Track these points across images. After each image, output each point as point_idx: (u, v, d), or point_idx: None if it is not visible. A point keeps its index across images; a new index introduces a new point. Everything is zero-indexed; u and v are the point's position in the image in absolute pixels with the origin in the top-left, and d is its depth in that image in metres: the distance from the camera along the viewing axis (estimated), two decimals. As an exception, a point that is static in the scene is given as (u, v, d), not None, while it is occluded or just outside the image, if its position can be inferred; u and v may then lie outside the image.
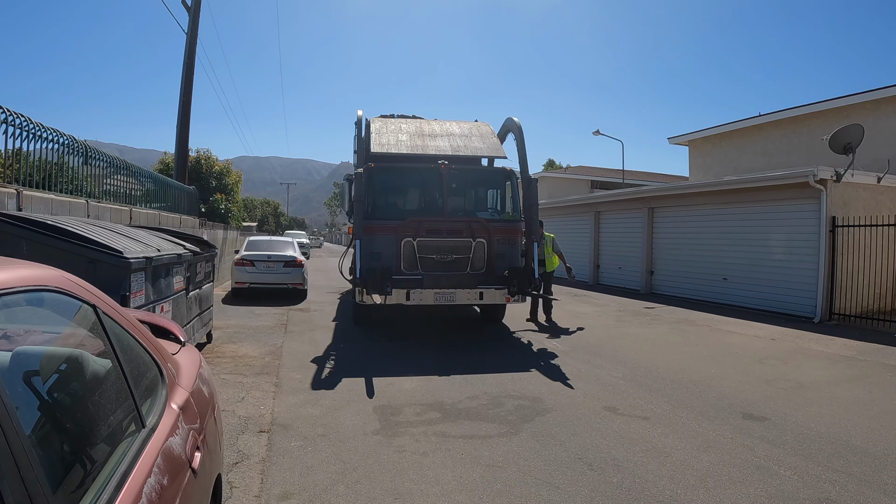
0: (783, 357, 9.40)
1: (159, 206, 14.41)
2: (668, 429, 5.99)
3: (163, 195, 14.95)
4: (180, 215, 15.46)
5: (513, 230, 11.27)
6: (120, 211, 10.51)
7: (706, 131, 24.16)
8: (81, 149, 9.58)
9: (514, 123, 11.95)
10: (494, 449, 5.38)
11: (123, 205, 11.15)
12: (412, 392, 7.23)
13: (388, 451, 5.25)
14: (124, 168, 11.84)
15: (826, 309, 12.90)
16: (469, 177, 11.82)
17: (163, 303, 6.78)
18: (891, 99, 17.65)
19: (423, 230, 10.55)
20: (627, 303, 16.82)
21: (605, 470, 4.93)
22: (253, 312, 13.87)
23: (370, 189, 11.12)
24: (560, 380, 8.00)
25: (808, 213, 13.46)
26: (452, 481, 4.64)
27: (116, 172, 11.47)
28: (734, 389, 7.43)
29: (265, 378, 7.77)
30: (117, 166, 11.41)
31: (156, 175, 14.96)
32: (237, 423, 5.93)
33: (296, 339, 10.69)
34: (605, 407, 6.77)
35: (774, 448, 5.39)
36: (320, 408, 6.51)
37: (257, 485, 4.53)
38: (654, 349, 10.05)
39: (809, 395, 7.14)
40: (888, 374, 8.28)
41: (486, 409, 6.63)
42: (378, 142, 11.65)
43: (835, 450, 5.32)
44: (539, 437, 5.73)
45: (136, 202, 12.55)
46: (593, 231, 22.77)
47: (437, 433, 5.77)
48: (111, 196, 11.07)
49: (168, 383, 2.54)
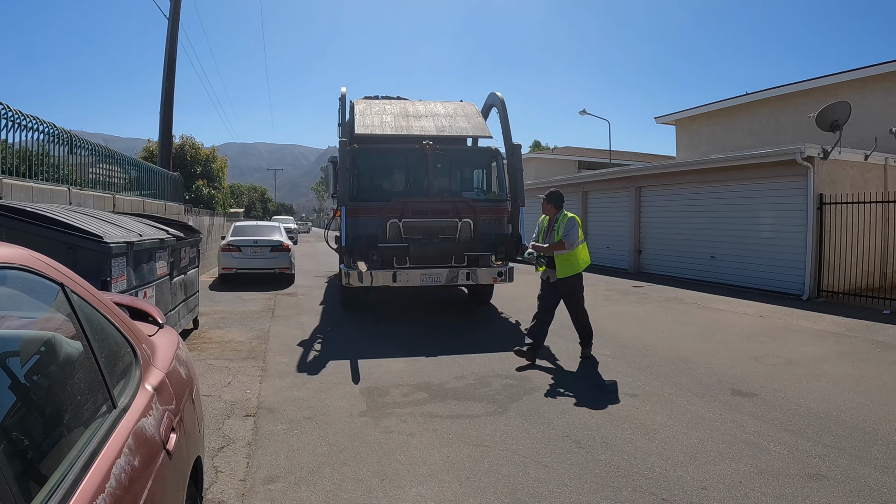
0: (772, 334, 9.39)
1: (144, 193, 14.23)
2: (656, 406, 5.95)
3: (147, 182, 14.78)
4: (165, 202, 15.29)
5: (499, 210, 11.23)
6: (103, 198, 10.36)
7: (693, 110, 24.10)
8: (65, 137, 9.46)
9: (496, 98, 11.95)
10: (482, 428, 5.34)
11: (107, 192, 10.99)
12: (399, 373, 7.18)
13: (374, 433, 5.20)
14: (108, 156, 11.69)
15: (814, 286, 12.93)
16: (454, 157, 11.72)
17: (146, 288, 6.69)
18: (877, 77, 17.65)
19: (408, 211, 10.48)
20: (616, 282, 16.81)
21: (594, 448, 4.89)
22: (240, 298, 13.80)
23: (354, 170, 11.05)
24: (548, 358, 7.96)
25: (795, 191, 13.44)
26: (440, 461, 4.61)
27: (101, 161, 11.32)
28: (723, 366, 7.41)
29: (252, 362, 7.71)
30: (100, 154, 11.25)
31: (139, 162, 14.80)
32: (223, 407, 5.88)
33: (283, 323, 10.62)
34: (593, 385, 6.74)
35: (764, 424, 5.36)
36: (307, 391, 6.46)
37: (243, 469, 4.49)
38: (642, 327, 10.03)
39: (798, 372, 7.13)
40: (877, 349, 8.29)
41: (473, 388, 6.60)
42: (362, 123, 11.55)
43: (824, 425, 5.30)
44: (527, 415, 5.70)
45: (120, 190, 12.38)
46: (581, 211, 22.61)
47: (424, 413, 5.74)
48: (95, 184, 10.92)
49: (142, 364, 2.49)
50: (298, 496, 4.06)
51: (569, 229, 7.60)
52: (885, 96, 17.37)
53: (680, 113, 24.76)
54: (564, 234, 7.58)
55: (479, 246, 10.69)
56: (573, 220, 7.72)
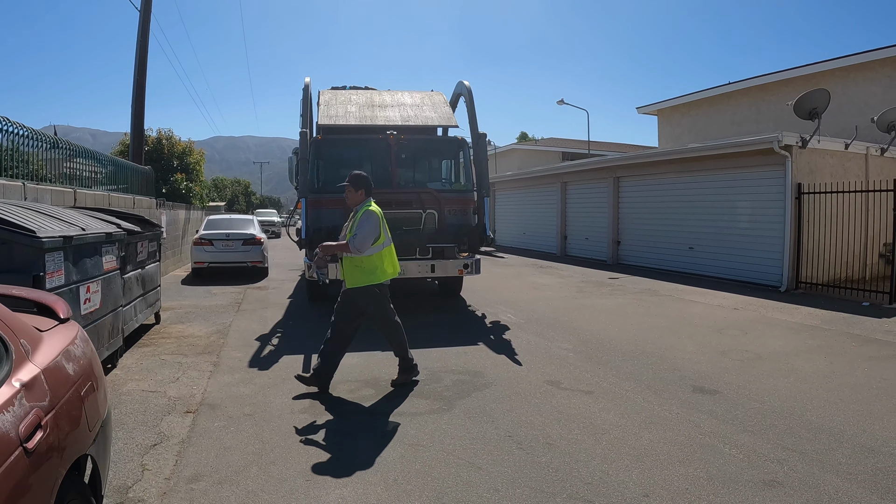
0: (744, 327, 9.00)
1: (110, 187, 13.79)
2: (610, 404, 5.54)
3: (114, 177, 14.38)
4: (134, 196, 14.84)
5: (465, 200, 10.86)
6: (63, 193, 9.95)
7: (674, 100, 23.76)
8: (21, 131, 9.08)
9: (464, 87, 11.60)
10: (422, 427, 5.02)
11: (67, 187, 10.59)
12: (351, 368, 6.85)
13: (310, 431, 4.96)
14: (67, 148, 11.24)
15: (792, 278, 12.58)
16: (420, 147, 11.35)
17: (89, 283, 6.36)
18: (860, 66, 17.35)
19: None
20: (592, 273, 16.40)
21: (535, 449, 4.51)
22: (210, 292, 13.51)
23: (318, 161, 10.84)
24: (506, 353, 7.56)
25: (773, 181, 13.08)
26: (370, 462, 4.33)
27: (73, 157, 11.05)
28: (687, 361, 7.00)
29: (205, 357, 7.48)
30: (60, 147, 10.87)
31: (104, 156, 14.39)
32: (166, 404, 5.63)
33: (246, 317, 10.32)
34: (547, 381, 6.32)
35: (722, 424, 4.94)
36: (253, 386, 6.21)
37: (170, 467, 4.27)
38: (610, 320, 9.63)
39: (766, 367, 6.73)
40: (851, 343, 7.90)
41: (423, 384, 6.29)
42: (326, 113, 11.26)
43: (787, 426, 4.88)
44: (472, 413, 5.34)
45: (84, 184, 11.94)
46: (560, 202, 22.36)
47: (365, 411, 5.47)
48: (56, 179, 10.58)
49: (15, 359, 2.47)
50: (219, 496, 3.83)
51: (361, 226, 5.95)
52: (867, 85, 17.06)
53: (662, 103, 24.42)
54: (355, 231, 5.96)
55: (444, 237, 10.37)
56: (370, 215, 6.02)
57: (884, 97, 16.12)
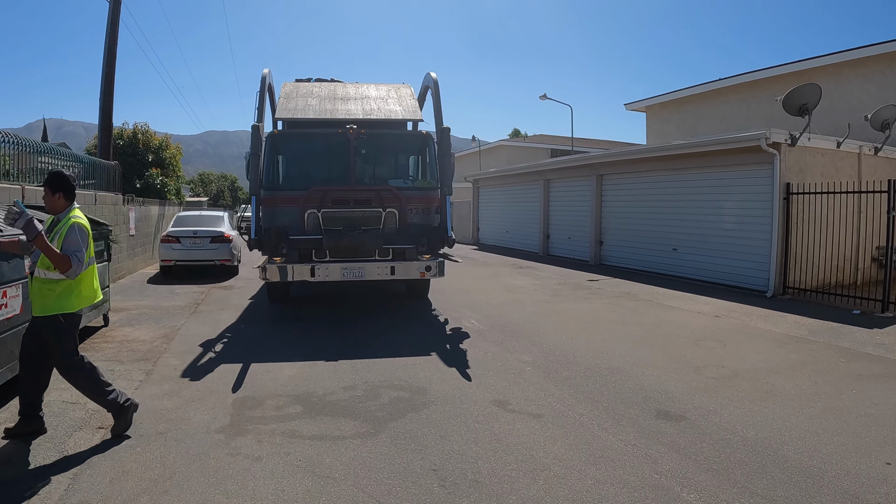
0: (723, 337, 8.29)
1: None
2: (559, 431, 4.83)
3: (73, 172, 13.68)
4: (96, 192, 14.19)
5: (428, 199, 10.16)
6: (9, 190, 9.46)
7: (663, 97, 23.06)
8: None
9: (430, 79, 10.94)
10: (340, 455, 4.44)
11: (14, 183, 10.09)
12: (287, 381, 6.33)
13: (219, 455, 4.47)
14: (15, 143, 10.65)
15: (779, 282, 11.89)
16: (381, 142, 10.70)
17: (6, 287, 5.74)
18: (853, 62, 16.68)
19: (328, 200, 9.63)
20: (571, 275, 15.69)
21: (459, 488, 3.86)
22: (173, 291, 13.02)
23: (275, 157, 10.33)
24: (458, 366, 6.87)
25: (760, 180, 12.37)
26: (271, 495, 3.84)
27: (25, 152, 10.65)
28: (656, 379, 6.28)
29: (140, 365, 7.01)
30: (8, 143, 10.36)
31: (61, 150, 13.78)
32: (82, 417, 5.21)
33: (200, 319, 9.85)
34: (495, 401, 5.61)
35: (683, 460, 4.22)
36: (178, 399, 5.75)
37: (60, 491, 3.87)
38: (580, 329, 8.91)
39: (742, 387, 6.00)
40: (839, 359, 7.19)
41: (357, 402, 5.67)
42: (285, 106, 10.70)
43: (759, 464, 4.16)
44: (400, 439, 4.70)
45: (37, 180, 11.29)
46: (543, 200, 21.65)
47: (286, 432, 4.90)
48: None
49: None
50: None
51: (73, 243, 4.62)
52: (861, 82, 16.39)
53: (650, 99, 23.73)
54: (65, 244, 4.59)
55: (404, 238, 9.74)
56: (82, 232, 4.75)
57: (878, 94, 15.46)
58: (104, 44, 16.98)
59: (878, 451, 4.38)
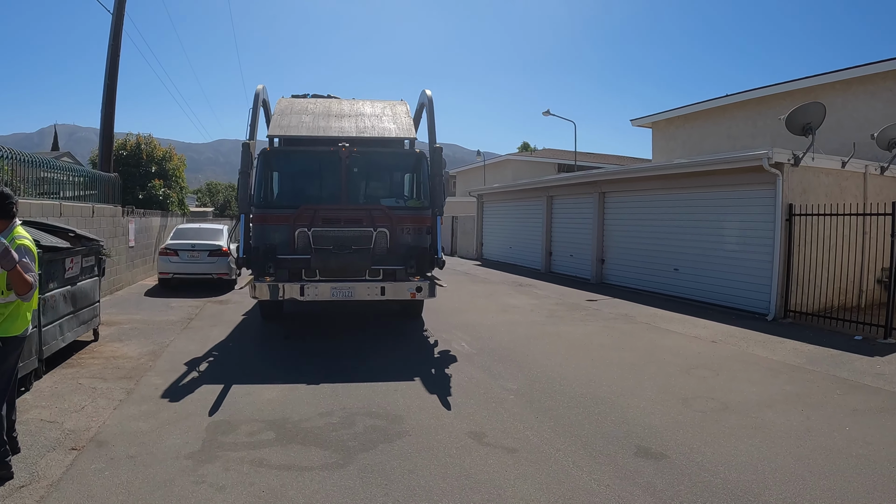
0: (717, 366, 8.04)
1: (64, 196, 13.12)
2: (532, 468, 4.62)
3: (69, 184, 13.75)
4: (94, 204, 14.13)
5: (420, 218, 9.98)
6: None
7: (669, 113, 22.80)
8: None
9: (425, 96, 10.87)
10: (304, 487, 4.34)
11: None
12: (265, 405, 6.22)
13: (184, 482, 4.40)
14: (10, 156, 10.60)
15: (781, 305, 11.61)
16: (374, 160, 10.58)
17: None
18: (861, 79, 16.37)
19: (318, 219, 9.51)
20: (571, 294, 15.45)
21: None
22: (168, 305, 12.98)
23: (267, 174, 10.28)
24: (439, 393, 6.69)
25: (763, 200, 12.12)
26: None
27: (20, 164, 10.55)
28: (641, 411, 6.05)
29: (123, 383, 6.92)
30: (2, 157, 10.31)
31: (58, 163, 13.71)
32: (57, 437, 5.17)
33: (190, 336, 9.81)
34: (471, 433, 5.42)
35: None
36: (154, 421, 5.67)
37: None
38: (570, 354, 8.69)
39: (730, 422, 5.76)
40: (836, 390, 6.92)
41: (331, 430, 5.53)
42: (278, 123, 10.59)
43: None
44: (367, 472, 4.57)
45: (31, 194, 11.28)
46: (546, 217, 21.44)
47: (254, 461, 4.80)
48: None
49: None
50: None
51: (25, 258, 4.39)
52: (868, 99, 16.09)
53: (656, 115, 23.48)
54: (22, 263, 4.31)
55: (394, 259, 9.59)
56: (30, 253, 4.49)
57: (885, 112, 15.15)
58: (106, 56, 17.02)
59: (866, 498, 4.14)
